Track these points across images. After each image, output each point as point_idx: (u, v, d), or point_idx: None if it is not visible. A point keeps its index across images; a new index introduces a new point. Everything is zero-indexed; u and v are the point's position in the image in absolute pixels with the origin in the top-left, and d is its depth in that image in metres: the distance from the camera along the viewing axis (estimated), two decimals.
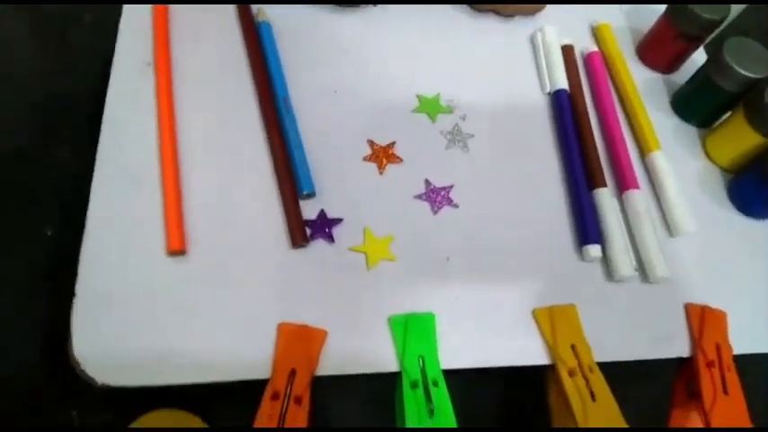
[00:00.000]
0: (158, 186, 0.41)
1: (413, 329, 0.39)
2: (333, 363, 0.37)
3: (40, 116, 0.66)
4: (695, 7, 0.49)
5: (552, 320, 0.41)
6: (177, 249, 0.38)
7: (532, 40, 0.54)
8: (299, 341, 0.37)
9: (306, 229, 0.41)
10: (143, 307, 0.37)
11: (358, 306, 0.40)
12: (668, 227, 0.47)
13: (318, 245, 0.41)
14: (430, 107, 0.49)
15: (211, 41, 0.48)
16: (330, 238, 0.41)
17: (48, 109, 0.67)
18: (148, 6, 0.48)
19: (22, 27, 0.72)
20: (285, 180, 0.42)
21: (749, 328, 0.44)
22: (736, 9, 0.71)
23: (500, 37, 0.54)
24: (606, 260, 0.44)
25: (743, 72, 0.46)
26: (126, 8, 0.48)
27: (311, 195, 0.42)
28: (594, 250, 0.43)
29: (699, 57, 0.56)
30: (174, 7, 0.49)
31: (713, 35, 0.59)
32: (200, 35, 0.48)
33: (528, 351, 0.40)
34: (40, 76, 0.69)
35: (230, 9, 0.50)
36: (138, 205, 0.40)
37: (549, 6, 0.56)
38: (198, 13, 0.49)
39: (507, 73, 0.52)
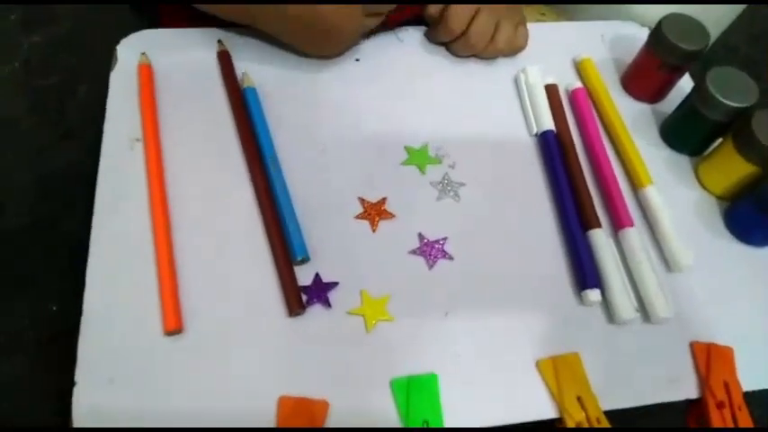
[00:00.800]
0: (153, 262, 0.41)
1: (415, 392, 0.39)
2: None
3: (44, 190, 0.67)
4: (675, 38, 0.49)
5: (556, 372, 0.40)
6: (174, 329, 0.38)
7: (516, 82, 0.55)
8: (299, 415, 0.37)
9: (302, 296, 0.41)
10: (142, 388, 0.37)
11: (359, 372, 0.39)
12: (667, 263, 0.46)
13: (315, 310, 0.41)
14: (419, 158, 0.49)
15: (198, 111, 0.49)
16: (327, 304, 0.41)
17: (52, 183, 0.68)
18: (135, 76, 0.49)
19: (22, 103, 0.74)
20: (278, 247, 0.42)
21: (757, 362, 0.43)
22: (720, 27, 0.71)
23: (483, 80, 0.55)
24: (606, 303, 0.43)
25: (727, 102, 0.46)
26: (113, 78, 0.49)
27: (305, 261, 0.43)
28: (594, 295, 0.43)
29: (686, 83, 0.56)
30: (159, 77, 0.50)
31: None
32: (186, 105, 0.49)
33: (534, 405, 0.40)
34: (42, 150, 0.71)
35: (215, 76, 0.51)
36: (134, 284, 0.40)
37: (530, 45, 0.56)
38: (184, 82, 0.50)
39: (493, 117, 0.53)
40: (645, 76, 0.54)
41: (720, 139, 0.50)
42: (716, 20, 0.68)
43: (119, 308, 0.39)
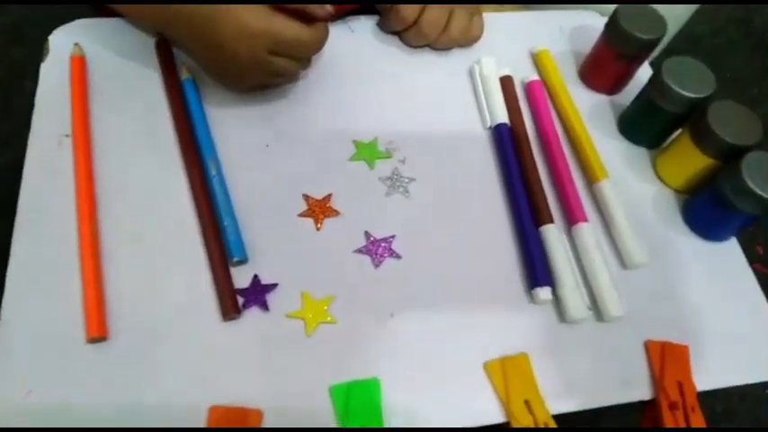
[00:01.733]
0: (78, 267, 0.38)
1: (356, 399, 0.37)
2: None
3: None
4: (631, 28, 0.48)
5: (504, 374, 0.39)
6: (97, 336, 0.36)
7: (470, 73, 0.53)
8: (231, 425, 0.35)
9: (237, 300, 0.39)
10: (63, 399, 0.35)
11: (297, 379, 0.37)
12: (621, 259, 0.45)
13: (252, 314, 0.39)
14: (367, 153, 0.47)
15: (134, 104, 0.46)
16: (264, 307, 0.39)
17: None
18: (68, 67, 0.46)
19: None
20: (214, 248, 0.40)
21: (713, 360, 0.42)
22: (682, 18, 0.70)
23: (438, 72, 0.53)
24: (558, 302, 0.42)
25: (684, 93, 0.45)
26: (44, 70, 0.47)
27: (243, 262, 0.40)
28: (544, 293, 0.41)
29: (644, 74, 0.54)
30: (94, 69, 0.47)
31: (659, 50, 0.58)
32: (121, 98, 0.46)
33: (482, 410, 0.38)
34: None
35: (154, 67, 0.48)
36: (57, 289, 0.38)
37: (486, 36, 0.54)
38: (120, 74, 0.47)
39: (447, 109, 0.51)
40: (602, 68, 0.52)
41: (678, 131, 0.49)
42: (678, 10, 0.67)
43: (39, 314, 0.37)
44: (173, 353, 0.37)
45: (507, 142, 0.47)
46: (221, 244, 0.40)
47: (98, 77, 0.47)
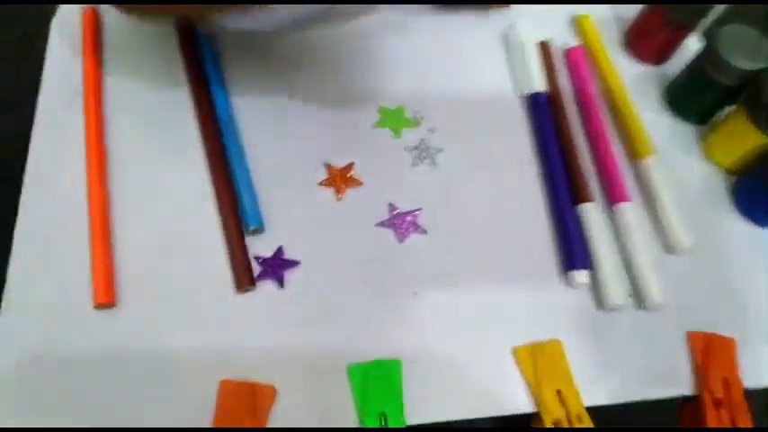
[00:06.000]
0: (87, 230, 0.36)
1: (374, 380, 0.34)
2: (284, 422, 0.33)
3: None
4: None
5: (535, 361, 0.36)
6: (104, 302, 0.34)
7: (505, 38, 0.49)
8: (242, 400, 0.33)
9: (252, 272, 0.36)
10: (69, 368, 0.33)
11: (313, 356, 0.35)
12: (665, 243, 0.41)
13: (267, 286, 0.37)
14: (393, 121, 0.44)
15: (148, 61, 0.44)
16: (280, 282, 0.37)
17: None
18: (78, 23, 0.44)
19: None
20: (229, 215, 0.38)
21: (761, 355, 0.39)
22: None
23: (470, 36, 0.49)
24: (595, 286, 0.39)
25: (739, 65, 0.41)
26: (55, 25, 0.44)
27: (259, 231, 0.38)
28: (581, 276, 0.38)
29: (693, 43, 0.50)
30: (107, 22, 0.45)
31: (709, 20, 0.54)
32: (135, 54, 0.44)
33: (509, 398, 0.35)
34: None
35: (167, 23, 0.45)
36: (65, 253, 0.36)
37: None
38: (134, 30, 0.45)
39: (480, 77, 0.47)
40: (649, 36, 0.48)
41: (730, 106, 0.45)
42: None
43: (46, 279, 0.35)
44: (184, 323, 0.35)
45: (544, 112, 0.44)
46: (236, 211, 0.38)
47: (111, 32, 0.44)
